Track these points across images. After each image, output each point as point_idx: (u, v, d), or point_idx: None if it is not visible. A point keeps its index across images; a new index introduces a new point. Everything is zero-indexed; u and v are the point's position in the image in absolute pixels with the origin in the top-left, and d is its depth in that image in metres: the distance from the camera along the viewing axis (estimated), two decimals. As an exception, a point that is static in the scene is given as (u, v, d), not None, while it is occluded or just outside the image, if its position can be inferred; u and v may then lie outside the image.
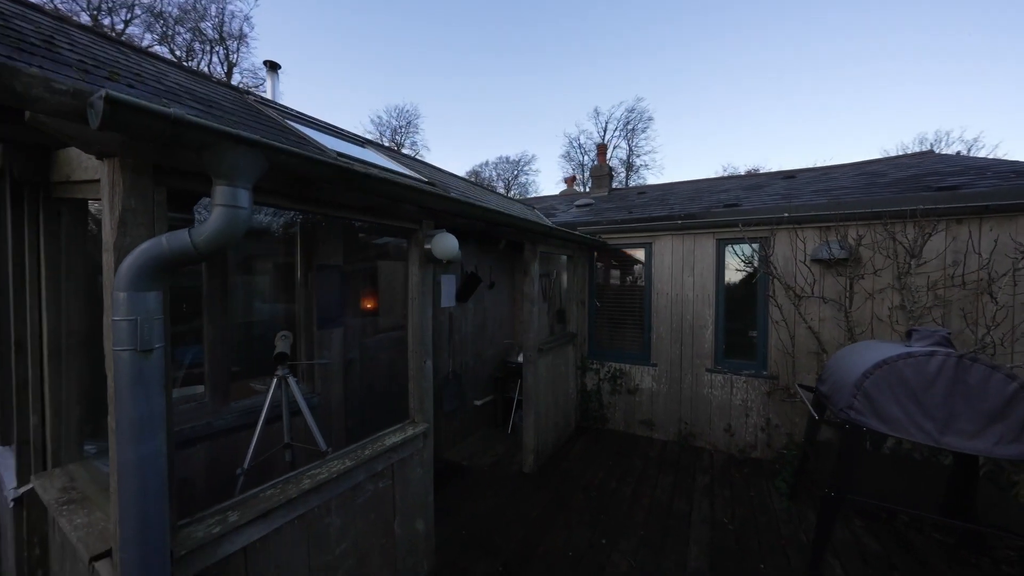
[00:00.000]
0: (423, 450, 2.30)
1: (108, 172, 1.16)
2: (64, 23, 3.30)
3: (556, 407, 4.24)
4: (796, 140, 43.16)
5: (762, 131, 43.57)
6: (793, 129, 43.41)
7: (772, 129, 44.03)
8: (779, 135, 43.34)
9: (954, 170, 4.76)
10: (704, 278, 4.31)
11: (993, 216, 3.22)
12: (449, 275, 4.25)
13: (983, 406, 2.03)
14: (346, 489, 1.81)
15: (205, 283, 2.43)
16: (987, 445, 2.03)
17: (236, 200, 1.17)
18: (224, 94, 3.88)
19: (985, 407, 2.02)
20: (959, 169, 4.78)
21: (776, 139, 43.72)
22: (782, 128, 43.59)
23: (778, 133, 43.43)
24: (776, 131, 43.62)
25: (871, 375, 2.26)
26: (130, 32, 17.23)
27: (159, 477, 1.14)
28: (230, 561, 1.39)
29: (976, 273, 3.23)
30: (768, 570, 2.50)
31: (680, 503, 3.25)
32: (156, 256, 1.10)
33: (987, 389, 2.02)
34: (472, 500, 3.27)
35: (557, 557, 2.61)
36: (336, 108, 43.08)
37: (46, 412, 1.66)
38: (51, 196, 1.64)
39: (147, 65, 3.35)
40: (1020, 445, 1.97)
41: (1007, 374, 1.99)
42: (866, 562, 2.56)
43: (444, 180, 6.31)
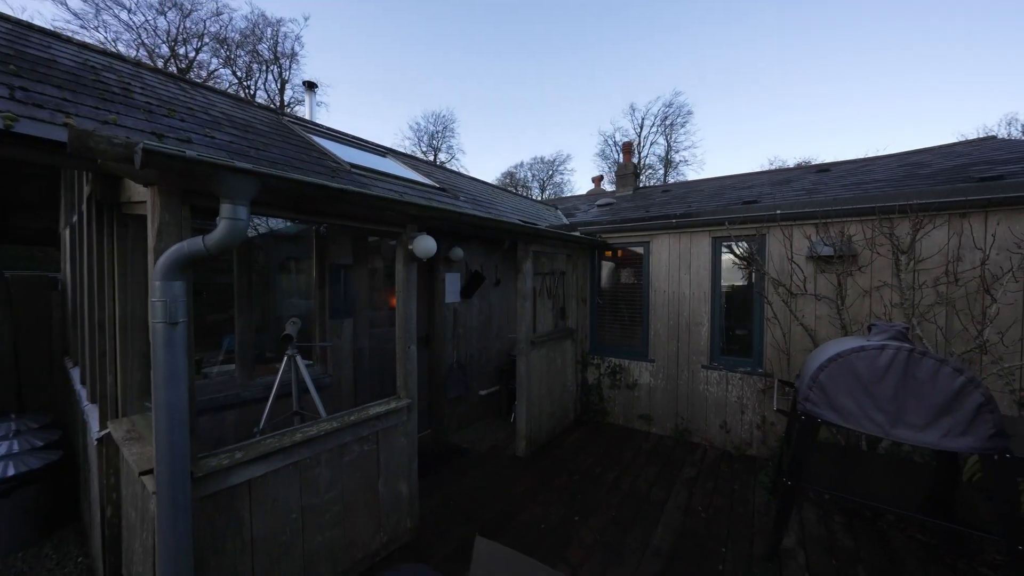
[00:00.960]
0: (407, 422, 2.66)
1: (151, 196, 1.61)
2: (140, 68, 4.04)
3: (551, 398, 4.47)
4: (865, 127, 39.54)
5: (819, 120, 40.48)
6: (860, 116, 39.87)
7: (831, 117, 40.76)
8: (840, 123, 40.04)
9: (1011, 157, 4.37)
10: (700, 276, 4.36)
11: (1000, 209, 3.07)
12: (454, 273, 4.63)
13: (932, 399, 2.06)
14: (334, 447, 2.21)
15: (235, 281, 2.96)
16: (935, 438, 2.05)
17: (236, 214, 1.58)
18: (261, 117, 4.50)
19: (934, 400, 2.05)
20: (1018, 156, 4.39)
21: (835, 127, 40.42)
22: (844, 116, 40.21)
23: (839, 121, 40.14)
24: (837, 119, 40.35)
25: (825, 368, 2.33)
26: (200, 58, 19.35)
27: (183, 415, 1.57)
28: (237, 490, 1.81)
29: (978, 269, 3.09)
30: (728, 554, 2.62)
31: (659, 491, 3.39)
32: (179, 256, 1.53)
33: (936, 382, 2.05)
34: (465, 477, 3.60)
35: (530, 528, 2.88)
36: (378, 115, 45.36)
37: (118, 375, 2.19)
38: (120, 212, 2.17)
39: (199, 97, 4.00)
40: (968, 438, 1.98)
41: (955, 367, 2.01)
42: (832, 554, 2.60)
43: (457, 184, 6.73)
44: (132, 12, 16.68)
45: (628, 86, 43.40)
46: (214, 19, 19.13)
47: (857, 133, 38.71)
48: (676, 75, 40.51)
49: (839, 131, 40.28)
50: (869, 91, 38.63)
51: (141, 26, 17.01)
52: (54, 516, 3.06)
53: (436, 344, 4.46)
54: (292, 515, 2.02)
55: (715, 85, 40.33)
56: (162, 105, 3.11)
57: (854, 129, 39.42)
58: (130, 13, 16.64)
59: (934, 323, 3.25)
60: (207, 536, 1.72)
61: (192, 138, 2.73)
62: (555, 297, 5.56)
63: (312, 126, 5.35)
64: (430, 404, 4.48)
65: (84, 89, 2.63)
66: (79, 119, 2.16)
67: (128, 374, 2.15)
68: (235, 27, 19.81)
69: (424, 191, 4.88)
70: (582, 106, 48.26)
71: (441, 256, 4.38)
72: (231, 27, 19.60)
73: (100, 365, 2.29)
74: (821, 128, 40.80)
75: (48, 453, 3.13)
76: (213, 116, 3.53)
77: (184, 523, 1.58)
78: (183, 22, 18.28)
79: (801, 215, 3.75)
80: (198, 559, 1.67)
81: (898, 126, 37.94)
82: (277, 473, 1.96)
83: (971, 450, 1.98)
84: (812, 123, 40.79)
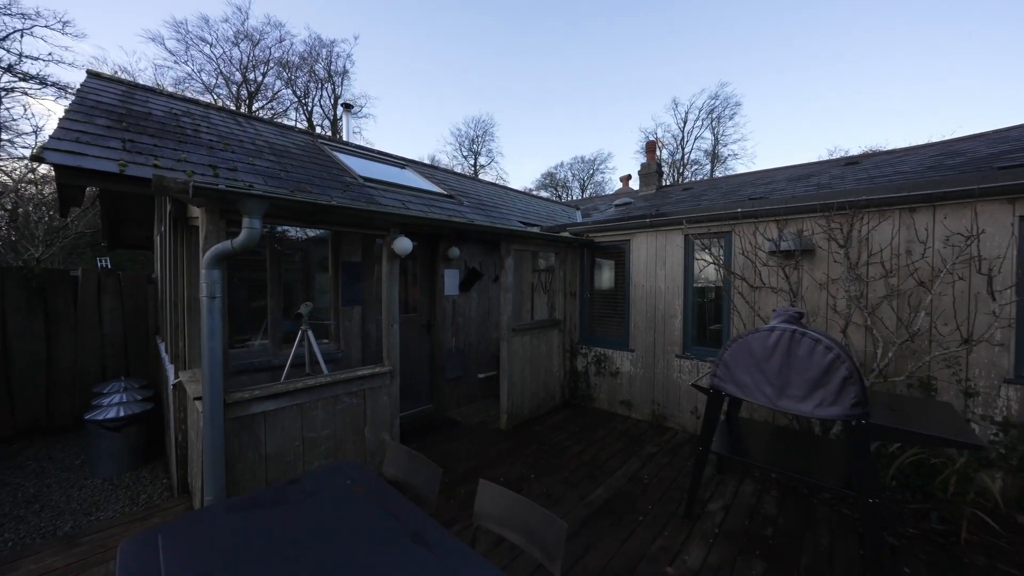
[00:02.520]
0: (389, 385, 3.35)
1: (201, 213, 2.41)
2: (209, 109, 5.13)
3: (535, 380, 4.99)
4: (946, 107, 35.13)
5: (887, 102, 36.52)
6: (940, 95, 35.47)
7: (903, 102, 36.60)
8: (914, 107, 35.85)
9: None
10: (674, 272, 4.66)
11: (948, 204, 3.14)
12: (452, 269, 5.30)
13: (809, 373, 2.35)
14: (328, 396, 2.95)
15: (268, 276, 3.83)
16: (810, 408, 2.35)
17: (252, 225, 2.34)
18: (298, 140, 5.47)
19: (810, 374, 2.35)
20: None
21: (909, 111, 36.22)
22: (919, 99, 35.95)
23: (913, 105, 35.95)
24: (910, 103, 36.16)
25: (729, 348, 2.68)
26: (267, 82, 21.83)
27: (219, 358, 2.35)
28: (256, 417, 2.59)
29: (919, 263, 3.19)
30: (653, 510, 3.02)
31: (614, 463, 3.80)
32: (217, 253, 2.31)
33: (812, 358, 2.34)
34: (452, 442, 4.25)
35: (491, 480, 3.44)
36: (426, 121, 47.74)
37: (185, 340, 3.09)
38: (187, 225, 3.06)
39: (250, 129, 5.01)
40: (836, 407, 2.27)
41: (827, 345, 2.30)
42: (750, 518, 2.90)
43: (468, 189, 7.41)
44: (213, 46, 19.42)
45: (672, 80, 42.00)
46: (278, 45, 21.58)
47: (934, 114, 34.41)
48: (723, 65, 38.54)
49: (912, 113, 35.99)
50: (948, 67, 34.13)
51: (220, 57, 19.73)
52: (148, 450, 4.13)
53: (437, 331, 5.16)
54: (295, 442, 2.78)
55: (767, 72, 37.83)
56: (220, 140, 4.08)
57: (929, 110, 35.04)
58: (211, 47, 19.38)
59: (890, 313, 3.37)
60: (235, 447, 2.50)
61: (238, 167, 3.63)
62: (549, 292, 6.06)
63: (340, 145, 6.30)
64: (431, 382, 5.19)
65: (168, 134, 3.61)
66: (162, 159, 3.09)
67: (191, 339, 3.04)
68: (295, 51, 22.15)
69: (429, 198, 5.61)
70: (624, 104, 47.38)
71: (441, 254, 5.07)
72: (292, 51, 21.96)
73: (174, 334, 3.22)
74: (890, 110, 36.74)
75: (145, 404, 4.21)
76: (258, 145, 4.49)
77: (219, 435, 2.36)
78: (253, 50, 20.84)
79: (762, 212, 3.96)
80: (228, 463, 2.45)
81: (987, 106, 33.14)
82: (285, 410, 2.72)
83: (837, 417, 2.26)
84: (881, 105, 36.82)
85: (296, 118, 23.15)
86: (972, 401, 3.08)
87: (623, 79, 45.75)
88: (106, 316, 5.17)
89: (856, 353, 3.52)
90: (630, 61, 44.23)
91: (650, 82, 44.12)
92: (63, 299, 4.86)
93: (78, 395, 4.88)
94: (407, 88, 44.71)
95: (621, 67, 44.81)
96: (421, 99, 46.57)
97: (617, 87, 46.89)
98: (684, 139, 29.87)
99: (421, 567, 1.28)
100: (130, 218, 5.78)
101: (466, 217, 5.38)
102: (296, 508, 1.64)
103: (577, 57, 45.52)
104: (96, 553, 2.51)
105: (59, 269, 5.12)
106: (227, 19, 19.75)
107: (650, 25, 40.09)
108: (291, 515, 1.59)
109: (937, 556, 2.51)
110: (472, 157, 33.30)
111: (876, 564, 2.14)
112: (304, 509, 1.63)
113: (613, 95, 47.49)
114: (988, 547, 2.55)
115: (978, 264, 3.01)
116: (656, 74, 43.37)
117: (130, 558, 1.30)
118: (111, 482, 3.67)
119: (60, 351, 4.83)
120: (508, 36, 43.65)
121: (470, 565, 1.28)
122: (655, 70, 43.29)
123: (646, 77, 44.27)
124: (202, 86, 19.64)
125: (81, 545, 2.59)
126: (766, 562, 2.47)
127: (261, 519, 1.57)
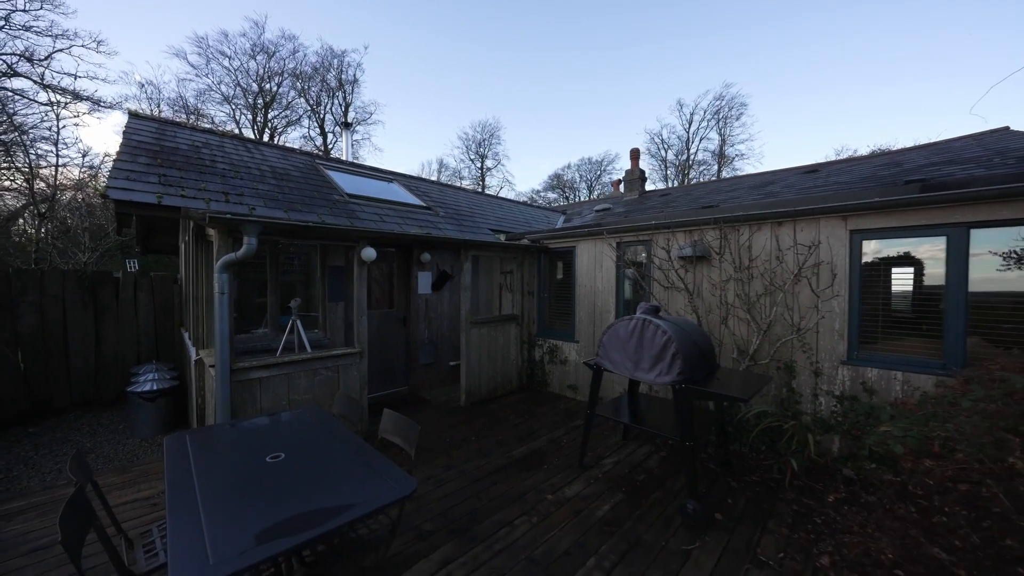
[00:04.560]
0: (359, 363, 4.26)
1: (214, 232, 3.36)
2: (223, 137, 6.15)
3: (492, 367, 5.86)
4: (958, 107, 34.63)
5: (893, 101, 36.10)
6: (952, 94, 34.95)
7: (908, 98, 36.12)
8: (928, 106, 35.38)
9: (976, 156, 4.66)
10: (608, 274, 5.47)
11: (803, 219, 3.89)
12: (425, 272, 6.21)
13: (652, 351, 3.16)
14: (309, 369, 3.87)
15: (268, 277, 4.79)
16: (653, 376, 3.16)
17: (250, 242, 3.27)
18: (296, 162, 6.44)
19: (653, 352, 3.16)
20: (982, 155, 4.61)
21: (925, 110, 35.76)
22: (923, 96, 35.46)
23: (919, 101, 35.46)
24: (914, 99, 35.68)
25: (606, 333, 3.50)
26: (281, 91, 23.13)
27: (226, 337, 3.29)
28: (253, 381, 3.52)
29: (779, 267, 3.95)
30: (557, 461, 3.85)
31: (544, 430, 4.64)
32: (224, 262, 3.26)
33: (654, 340, 3.15)
34: (416, 414, 5.14)
35: (440, 441, 4.33)
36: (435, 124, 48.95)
37: (203, 326, 4.06)
38: (205, 239, 4.02)
39: (257, 155, 6.01)
40: (669, 376, 3.07)
41: (663, 331, 3.10)
42: (633, 469, 3.71)
43: (448, 200, 8.31)
44: (231, 59, 20.82)
45: (679, 82, 42.24)
46: (291, 57, 22.90)
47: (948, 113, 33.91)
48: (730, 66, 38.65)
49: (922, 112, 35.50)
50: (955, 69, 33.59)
51: (237, 69, 21.13)
52: (175, 419, 5.14)
53: (412, 324, 6.07)
54: (283, 402, 3.71)
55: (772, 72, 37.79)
56: (231, 168, 5.07)
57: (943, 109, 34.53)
58: (230, 59, 20.79)
59: (763, 307, 4.13)
60: (237, 402, 3.43)
61: (244, 191, 4.60)
62: (513, 291, 6.91)
63: (334, 163, 7.27)
64: (406, 368, 6.11)
65: (191, 166, 4.61)
66: (187, 189, 4.06)
67: (208, 326, 4.00)
68: (308, 62, 23.44)
69: (406, 210, 6.52)
70: (632, 105, 47.76)
71: (415, 259, 5.98)
72: (305, 62, 23.26)
73: (195, 322, 4.20)
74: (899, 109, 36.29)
75: (172, 381, 5.22)
76: (262, 171, 5.47)
77: (227, 392, 3.30)
78: (268, 62, 22.18)
79: (673, 224, 4.74)
80: (232, 414, 3.38)
81: (1004, 102, 32.51)
82: (275, 377, 3.65)
83: (669, 383, 3.06)
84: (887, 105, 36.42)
85: (309, 125, 24.53)
86: (819, 379, 3.82)
87: (631, 81, 46.14)
88: (141, 310, 6.23)
89: (739, 341, 4.28)
90: (637, 63, 44.62)
91: (657, 84, 44.44)
92: (107, 295, 5.94)
93: (119, 375, 5.95)
94: (416, 93, 46.01)
95: (628, 69, 45.22)
96: (429, 103, 47.85)
97: (624, 89, 47.29)
98: (689, 140, 30.27)
99: (344, 453, 2.17)
100: (159, 228, 6.86)
101: (437, 229, 6.27)
102: (276, 428, 2.55)
103: (584, 59, 46.10)
104: (141, 477, 3.48)
105: (104, 271, 6.21)
106: (244, 33, 21.06)
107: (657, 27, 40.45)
108: (272, 431, 2.50)
109: (761, 493, 3.28)
110: (479, 160, 34.23)
111: (691, 488, 2.94)
112: (281, 433, 2.53)
113: (621, 97, 47.91)
114: (802, 488, 3.31)
115: (816, 269, 3.76)
116: (663, 76, 43.67)
117: (171, 444, 2.22)
118: (147, 441, 4.68)
119: (105, 338, 5.90)
120: (515, 39, 44.52)
121: (373, 460, 2.16)
122: (663, 72, 43.59)
123: (654, 79, 44.59)
124: (221, 97, 21.11)
125: (130, 472, 3.57)
126: (626, 495, 3.28)
127: (252, 431, 2.48)
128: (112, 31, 25.88)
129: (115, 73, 29.02)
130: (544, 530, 2.81)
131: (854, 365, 3.63)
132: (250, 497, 1.73)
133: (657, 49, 42.31)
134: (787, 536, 2.74)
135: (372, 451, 2.18)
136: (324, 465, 2.04)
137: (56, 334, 5.45)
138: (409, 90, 44.82)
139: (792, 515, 2.97)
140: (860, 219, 3.62)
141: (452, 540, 2.70)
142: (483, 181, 33.72)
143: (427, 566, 2.45)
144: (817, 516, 2.93)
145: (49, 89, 11.88)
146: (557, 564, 2.48)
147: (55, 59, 12.03)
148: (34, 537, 2.68)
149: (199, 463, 2.01)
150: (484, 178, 33.84)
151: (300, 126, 24.23)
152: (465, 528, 2.83)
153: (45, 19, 11.77)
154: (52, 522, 2.82)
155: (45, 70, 11.83)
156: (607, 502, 3.17)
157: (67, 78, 12.08)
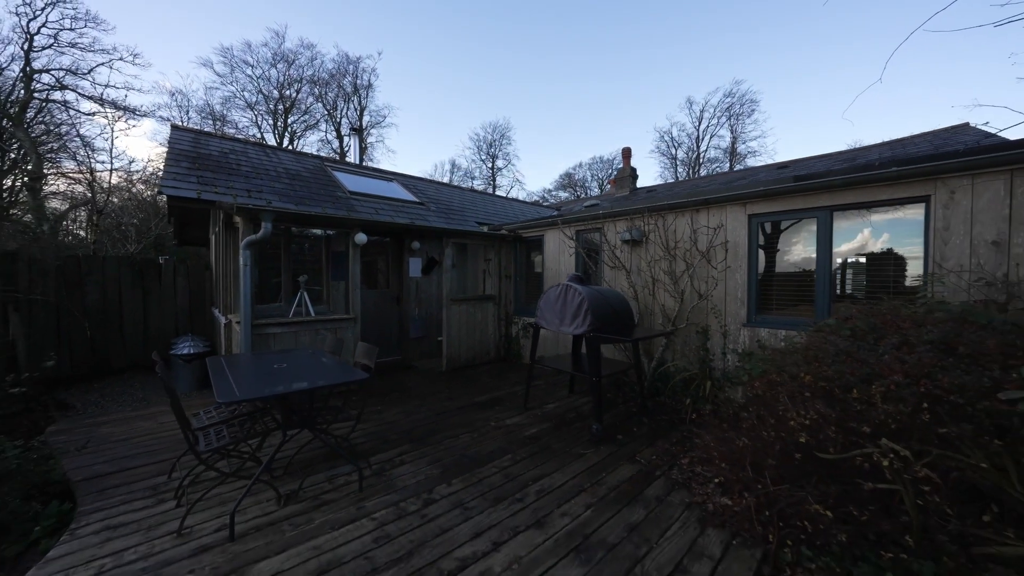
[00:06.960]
0: (354, 326, 5.24)
1: (240, 220, 4.40)
2: (247, 144, 7.27)
3: (471, 339, 6.77)
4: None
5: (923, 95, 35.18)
6: (963, 85, 33.89)
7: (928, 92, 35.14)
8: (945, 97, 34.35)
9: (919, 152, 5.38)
10: (569, 258, 6.31)
11: (713, 206, 4.66)
12: (416, 258, 7.18)
13: (572, 309, 4.02)
14: (312, 329, 4.87)
15: (282, 259, 5.84)
16: (572, 328, 4.01)
17: (267, 227, 4.29)
18: (308, 164, 7.52)
19: (572, 310, 4.01)
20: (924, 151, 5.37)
21: (935, 101, 34.76)
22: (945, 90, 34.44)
23: (938, 93, 34.48)
24: (935, 91, 34.70)
25: (540, 298, 4.37)
26: (300, 97, 24.61)
27: (249, 300, 4.32)
28: (269, 336, 4.54)
29: (694, 247, 4.73)
30: (508, 406, 4.74)
31: (506, 387, 5.53)
32: (248, 241, 4.28)
33: (574, 301, 4.00)
34: (404, 377, 6.11)
35: (420, 393, 5.28)
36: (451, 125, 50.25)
37: (231, 295, 5.12)
38: (232, 226, 5.07)
39: (274, 158, 7.10)
40: (583, 327, 3.91)
41: (579, 292, 3.95)
42: (567, 411, 4.57)
43: (442, 197, 9.26)
44: (254, 67, 22.41)
45: (690, 79, 42.25)
46: (309, 64, 24.37)
47: (969, 104, 32.84)
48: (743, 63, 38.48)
49: (945, 104, 34.49)
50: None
51: (259, 77, 22.70)
52: (206, 380, 6.24)
53: (404, 303, 7.05)
54: (291, 353, 4.71)
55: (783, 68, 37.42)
56: (253, 170, 6.15)
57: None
58: (252, 68, 22.38)
59: (685, 281, 4.92)
60: (257, 349, 4.45)
61: (263, 188, 5.65)
62: (492, 275, 7.81)
63: (341, 165, 8.33)
64: (399, 340, 7.09)
65: (221, 169, 5.69)
66: (219, 187, 5.13)
67: (235, 297, 5.06)
68: (325, 68, 24.88)
69: (400, 205, 7.51)
70: (644, 103, 47.92)
71: (407, 246, 6.95)
72: (322, 69, 24.71)
73: (224, 293, 5.26)
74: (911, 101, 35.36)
75: (205, 347, 6.34)
76: (278, 172, 6.55)
77: (248, 341, 4.33)
78: (288, 70, 23.70)
79: (616, 214, 5.55)
80: (254, 359, 4.40)
81: None
82: (286, 333, 4.66)
83: (583, 333, 3.90)
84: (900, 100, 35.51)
85: (326, 129, 26.00)
86: (728, 339, 4.59)
87: (642, 79, 46.30)
88: (179, 292, 7.41)
89: (667, 310, 5.06)
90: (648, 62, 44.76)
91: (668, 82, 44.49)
92: (152, 279, 7.13)
93: (161, 345, 7.13)
94: (430, 96, 47.37)
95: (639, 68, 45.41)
96: (442, 105, 49.16)
97: (636, 87, 47.47)
98: (700, 137, 30.46)
99: (326, 366, 3.13)
100: (193, 222, 8.06)
101: (424, 220, 7.24)
102: (283, 355, 3.54)
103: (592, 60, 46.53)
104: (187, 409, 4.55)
105: (151, 258, 7.41)
106: (266, 43, 22.64)
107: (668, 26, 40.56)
108: (280, 356, 3.49)
109: (664, 425, 4.09)
110: (490, 160, 35.17)
111: (597, 414, 3.78)
112: (287, 357, 3.51)
113: (634, 95, 48.12)
114: (700, 424, 4.10)
115: (725, 247, 4.52)
116: (674, 74, 43.70)
117: (212, 362, 3.23)
118: (185, 395, 5.79)
119: (150, 314, 7.09)
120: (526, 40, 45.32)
121: (345, 370, 3.10)
122: (673, 71, 43.63)
123: (664, 78, 44.66)
124: (245, 103, 22.72)
125: (177, 404, 4.65)
126: (553, 425, 4.15)
127: (266, 356, 3.48)
128: (145, 44, 28.03)
129: (148, 83, 31.28)
130: (480, 440, 3.72)
131: (752, 327, 4.39)
132: (261, 380, 2.70)
133: (670, 48, 42.39)
134: (666, 449, 3.56)
135: (347, 366, 3.13)
136: (312, 370, 3.00)
137: (114, 308, 6.66)
138: (423, 93, 46.23)
139: (680, 439, 3.78)
140: (755, 205, 4.37)
141: (410, 443, 3.63)
142: (494, 181, 34.65)
143: (388, 455, 3.39)
144: (697, 439, 3.73)
145: (100, 102, 13.44)
146: (483, 457, 3.38)
147: (98, 72, 13.56)
148: (115, 436, 3.76)
149: (230, 365, 3.00)
150: (495, 178, 34.78)
151: (318, 130, 25.72)
152: (422, 438, 3.76)
153: (88, 35, 13.32)
154: (124, 428, 3.89)
155: (104, 88, 13.40)
156: (535, 428, 4.05)
157: (115, 90, 13.64)
